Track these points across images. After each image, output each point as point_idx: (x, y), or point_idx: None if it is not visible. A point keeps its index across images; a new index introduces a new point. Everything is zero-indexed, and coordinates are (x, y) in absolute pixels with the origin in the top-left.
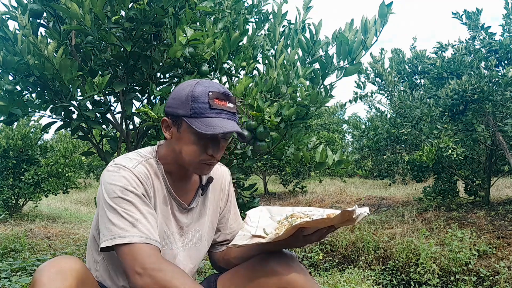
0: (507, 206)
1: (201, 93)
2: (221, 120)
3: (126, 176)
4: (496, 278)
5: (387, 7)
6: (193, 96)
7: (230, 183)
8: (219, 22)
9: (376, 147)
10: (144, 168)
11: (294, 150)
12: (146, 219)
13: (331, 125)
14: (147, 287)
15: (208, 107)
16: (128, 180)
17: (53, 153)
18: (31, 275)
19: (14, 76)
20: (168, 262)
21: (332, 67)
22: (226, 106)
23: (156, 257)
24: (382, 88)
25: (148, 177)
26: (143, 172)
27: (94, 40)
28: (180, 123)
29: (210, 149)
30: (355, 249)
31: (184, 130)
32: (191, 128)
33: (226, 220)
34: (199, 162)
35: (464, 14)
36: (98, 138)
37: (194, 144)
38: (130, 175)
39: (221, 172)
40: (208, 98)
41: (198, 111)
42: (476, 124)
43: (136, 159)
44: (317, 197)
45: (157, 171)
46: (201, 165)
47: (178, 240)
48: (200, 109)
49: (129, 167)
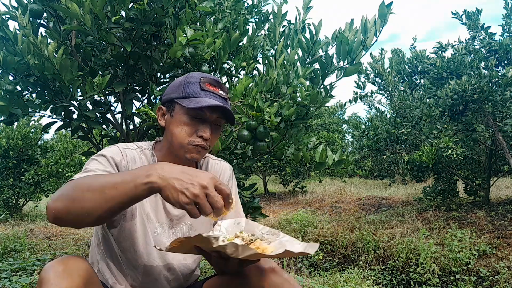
0: (507, 206)
1: (193, 78)
2: (210, 100)
3: (110, 148)
4: (496, 278)
5: (387, 7)
6: (186, 81)
7: (231, 179)
8: (219, 22)
9: (376, 147)
10: (135, 154)
11: (294, 150)
12: (98, 171)
13: (331, 125)
14: (51, 200)
15: (199, 88)
16: (110, 150)
17: (53, 153)
18: (31, 275)
19: (14, 76)
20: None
21: (332, 67)
22: (217, 91)
23: None
24: (382, 88)
25: (135, 162)
26: (131, 155)
27: (94, 40)
28: (174, 106)
29: (200, 130)
30: (355, 249)
31: (176, 112)
32: (181, 108)
33: (222, 217)
34: (188, 144)
35: (464, 14)
36: (98, 138)
37: (184, 124)
38: (114, 148)
39: (220, 167)
40: (199, 81)
41: (189, 92)
42: (476, 124)
43: (132, 147)
44: (317, 197)
45: (151, 162)
46: (190, 147)
47: (167, 231)
48: (191, 90)
49: (120, 145)
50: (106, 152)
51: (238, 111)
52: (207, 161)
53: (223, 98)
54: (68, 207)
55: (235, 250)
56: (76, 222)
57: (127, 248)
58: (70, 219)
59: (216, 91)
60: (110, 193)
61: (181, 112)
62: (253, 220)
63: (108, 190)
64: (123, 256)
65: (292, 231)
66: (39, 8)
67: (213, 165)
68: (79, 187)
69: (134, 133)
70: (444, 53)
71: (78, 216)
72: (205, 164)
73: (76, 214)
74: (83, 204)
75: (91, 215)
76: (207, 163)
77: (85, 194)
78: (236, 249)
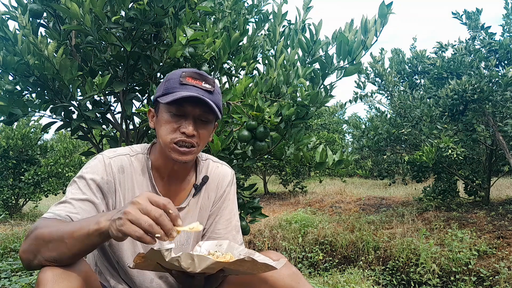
0: (507, 206)
1: (174, 74)
2: (189, 92)
3: (92, 164)
4: (496, 278)
5: (387, 7)
6: (167, 78)
7: (231, 185)
8: (219, 22)
9: (376, 147)
10: (125, 162)
11: (294, 150)
12: (74, 201)
13: (331, 125)
14: (21, 250)
15: (178, 83)
16: (92, 167)
17: (53, 153)
18: (31, 275)
19: (14, 76)
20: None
21: (332, 67)
22: (200, 84)
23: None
24: (382, 88)
25: (123, 171)
26: (118, 165)
27: (94, 40)
28: (158, 106)
29: (182, 126)
30: (355, 249)
31: (160, 111)
32: (163, 106)
33: (212, 222)
34: (171, 142)
35: (464, 14)
36: (98, 138)
37: (166, 122)
38: (97, 164)
39: (221, 172)
40: (180, 76)
41: (169, 88)
42: (476, 124)
43: (122, 153)
44: (317, 197)
45: (144, 166)
46: (173, 146)
47: None
48: (171, 86)
49: (106, 156)
50: (87, 173)
51: (238, 111)
52: (208, 164)
53: (207, 91)
54: (39, 258)
55: (191, 262)
56: (53, 265)
57: (120, 257)
58: (47, 265)
59: (199, 84)
60: (69, 242)
61: (163, 110)
62: (253, 220)
63: (67, 239)
64: (119, 262)
65: (292, 231)
66: (39, 8)
67: (213, 169)
68: (42, 238)
69: (134, 133)
70: (444, 53)
71: (52, 262)
72: (205, 167)
73: (49, 261)
74: (50, 253)
75: (61, 261)
76: (208, 166)
77: (49, 245)
78: (192, 260)
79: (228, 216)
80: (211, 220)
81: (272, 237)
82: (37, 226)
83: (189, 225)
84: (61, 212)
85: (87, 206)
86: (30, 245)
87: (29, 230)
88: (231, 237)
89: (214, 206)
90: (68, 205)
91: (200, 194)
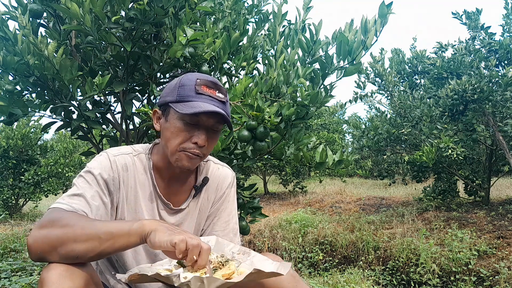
0: (507, 206)
1: (189, 80)
2: (206, 104)
3: (98, 160)
4: (496, 278)
5: (387, 7)
6: (181, 83)
7: (230, 187)
8: (219, 22)
9: (376, 147)
10: (128, 160)
11: (294, 150)
12: (87, 196)
13: (331, 125)
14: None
15: (194, 91)
16: (99, 163)
17: (53, 153)
18: (31, 275)
19: (14, 76)
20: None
21: (332, 67)
22: (214, 94)
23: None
24: (382, 88)
25: (127, 169)
26: (122, 163)
27: (94, 40)
28: (168, 110)
29: (195, 136)
30: (355, 249)
31: (171, 117)
32: (175, 113)
33: (210, 223)
34: (179, 151)
35: (464, 14)
36: (98, 138)
37: (179, 130)
38: (103, 160)
39: (221, 173)
40: (195, 84)
41: (184, 96)
42: (476, 124)
43: (125, 152)
44: (317, 197)
45: (146, 166)
46: (181, 154)
47: None
48: (186, 93)
49: (111, 153)
50: (94, 168)
51: (238, 111)
52: (208, 165)
53: (220, 101)
54: (59, 252)
55: (200, 285)
56: (60, 262)
57: (120, 256)
58: (56, 260)
59: (213, 94)
60: (105, 238)
61: (175, 117)
62: (253, 220)
63: (103, 235)
64: (118, 261)
65: (292, 231)
66: (39, 8)
67: (214, 170)
68: (72, 231)
69: (134, 133)
70: (444, 53)
71: (66, 259)
72: (206, 168)
73: (69, 258)
74: (77, 247)
75: (83, 258)
76: (208, 167)
77: (78, 239)
78: (201, 283)
79: (226, 218)
80: (209, 221)
81: (272, 237)
82: (61, 217)
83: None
84: (78, 207)
85: (98, 203)
86: (50, 236)
87: (47, 219)
88: (228, 239)
89: (213, 207)
90: (82, 200)
91: (200, 196)
